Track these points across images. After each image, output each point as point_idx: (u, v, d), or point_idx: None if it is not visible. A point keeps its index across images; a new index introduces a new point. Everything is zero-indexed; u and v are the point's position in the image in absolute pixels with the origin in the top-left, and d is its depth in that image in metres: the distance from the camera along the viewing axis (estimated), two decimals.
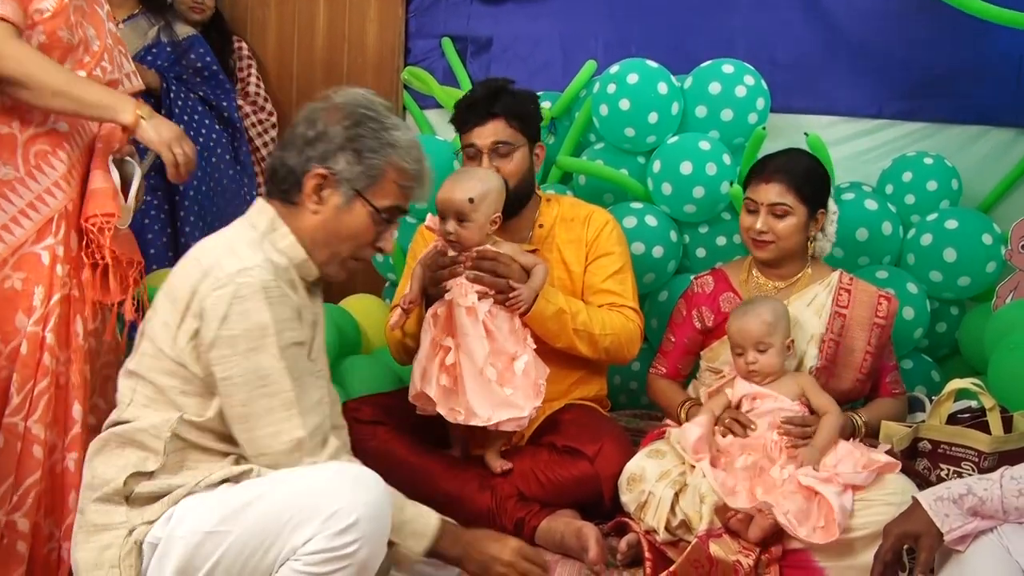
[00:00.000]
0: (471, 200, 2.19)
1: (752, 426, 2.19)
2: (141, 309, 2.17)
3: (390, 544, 1.67)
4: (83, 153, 2.09)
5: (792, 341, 2.28)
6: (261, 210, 1.76)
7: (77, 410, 2.03)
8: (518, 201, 2.44)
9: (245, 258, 1.64)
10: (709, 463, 2.13)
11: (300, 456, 1.64)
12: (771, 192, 2.35)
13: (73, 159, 2.06)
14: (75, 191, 2.05)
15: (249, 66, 3.58)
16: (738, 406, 2.25)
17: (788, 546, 2.07)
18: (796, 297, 2.39)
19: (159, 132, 2.04)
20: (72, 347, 2.04)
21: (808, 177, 2.38)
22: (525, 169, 2.44)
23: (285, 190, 1.75)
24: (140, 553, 1.59)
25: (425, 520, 1.74)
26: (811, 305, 2.38)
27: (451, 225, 2.21)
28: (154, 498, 1.62)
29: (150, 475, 1.63)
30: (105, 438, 1.70)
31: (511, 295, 2.21)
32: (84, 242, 2.05)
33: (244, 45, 3.59)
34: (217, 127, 3.22)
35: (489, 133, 2.40)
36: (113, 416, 1.73)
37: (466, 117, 2.43)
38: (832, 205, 2.46)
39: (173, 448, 1.64)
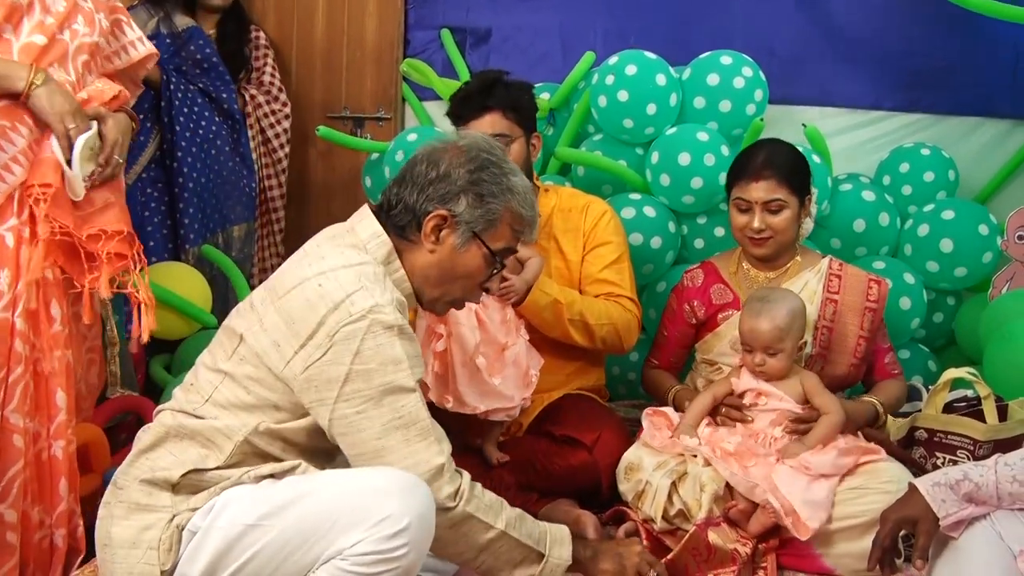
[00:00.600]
0: None
1: (749, 419, 2.20)
2: (137, 290, 2.09)
3: (539, 557, 1.70)
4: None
5: (805, 343, 2.26)
6: (376, 236, 1.73)
7: (60, 397, 1.98)
8: None
9: (376, 294, 1.62)
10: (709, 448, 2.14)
11: (441, 484, 1.62)
12: (763, 189, 2.34)
13: (36, 133, 1.96)
14: None
15: (265, 55, 3.56)
16: (741, 397, 2.25)
17: (786, 534, 2.08)
18: (787, 285, 2.38)
19: (52, 102, 1.92)
20: (49, 332, 1.96)
21: (795, 168, 2.39)
22: (523, 160, 2.44)
23: (401, 226, 1.75)
24: (180, 538, 1.59)
25: (558, 529, 1.78)
26: (802, 292, 2.37)
27: None
28: (201, 488, 1.62)
29: (204, 470, 1.63)
30: (165, 427, 1.67)
31: (503, 286, 2.21)
32: (31, 215, 1.94)
33: (261, 34, 3.58)
34: (217, 119, 3.22)
35: (485, 126, 2.39)
36: (180, 403, 1.70)
37: (461, 111, 2.43)
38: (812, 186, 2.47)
39: (239, 450, 1.63)
